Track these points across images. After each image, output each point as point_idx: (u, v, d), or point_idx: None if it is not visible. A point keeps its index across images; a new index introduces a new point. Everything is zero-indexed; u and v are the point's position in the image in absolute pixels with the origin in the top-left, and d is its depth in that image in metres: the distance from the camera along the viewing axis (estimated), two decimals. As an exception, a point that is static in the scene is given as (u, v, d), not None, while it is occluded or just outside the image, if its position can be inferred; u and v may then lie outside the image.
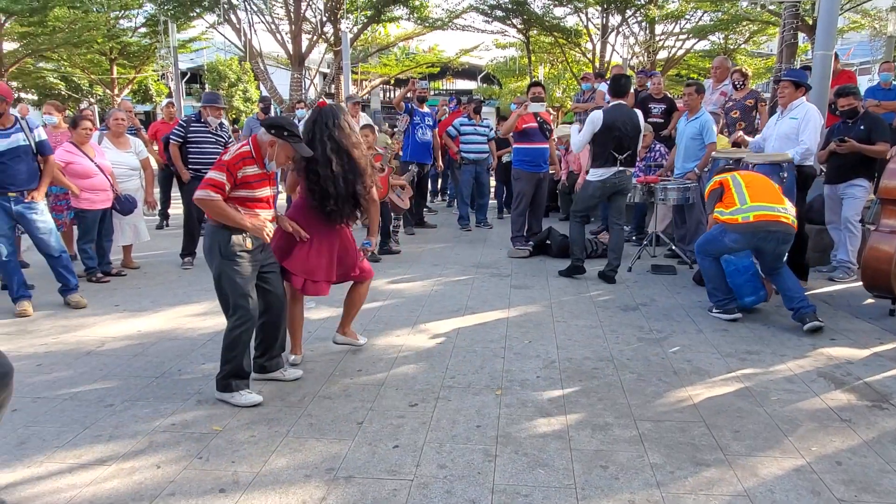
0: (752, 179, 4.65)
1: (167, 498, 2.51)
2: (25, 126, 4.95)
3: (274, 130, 3.24)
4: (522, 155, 7.06)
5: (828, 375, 3.68)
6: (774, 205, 4.47)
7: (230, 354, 3.31)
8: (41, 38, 18.89)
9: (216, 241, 3.24)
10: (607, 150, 5.70)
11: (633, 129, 5.74)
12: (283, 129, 3.23)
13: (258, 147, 3.28)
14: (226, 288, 3.27)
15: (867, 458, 2.77)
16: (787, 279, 4.56)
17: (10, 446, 2.92)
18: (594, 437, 2.96)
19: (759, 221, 4.42)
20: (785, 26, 9.31)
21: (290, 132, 3.24)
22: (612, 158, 5.69)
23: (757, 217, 4.43)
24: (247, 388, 3.37)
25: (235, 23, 17.23)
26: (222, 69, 29.57)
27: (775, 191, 4.61)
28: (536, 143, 7.01)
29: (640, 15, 19.18)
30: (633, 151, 5.81)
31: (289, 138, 3.23)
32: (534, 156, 7.02)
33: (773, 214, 4.43)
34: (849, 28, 18.28)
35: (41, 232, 5.03)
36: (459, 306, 5.12)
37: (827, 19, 6.12)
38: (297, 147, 3.27)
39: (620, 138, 5.66)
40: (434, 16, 19.85)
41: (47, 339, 4.41)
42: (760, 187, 4.57)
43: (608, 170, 5.75)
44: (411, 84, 8.80)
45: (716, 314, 4.74)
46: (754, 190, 4.54)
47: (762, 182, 4.64)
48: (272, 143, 3.25)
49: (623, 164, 5.75)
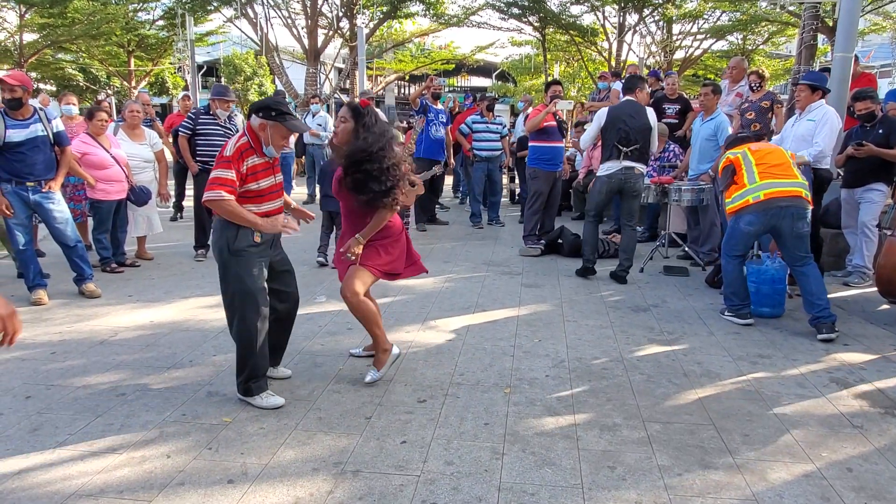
0: (763, 154, 4.53)
1: (177, 487, 2.53)
2: (44, 117, 5.00)
3: (262, 113, 3.07)
4: (540, 153, 7.02)
5: (840, 381, 3.64)
6: (785, 179, 4.39)
7: (244, 353, 3.21)
8: (60, 30, 19.05)
9: (224, 237, 3.12)
10: (611, 142, 5.69)
11: (640, 124, 5.64)
12: (270, 110, 3.06)
13: (254, 135, 3.11)
14: (233, 284, 3.14)
15: (878, 465, 2.74)
16: (813, 281, 4.40)
17: (23, 433, 2.96)
18: (602, 437, 2.96)
19: (770, 199, 4.35)
20: (804, 27, 9.21)
21: (277, 111, 3.06)
22: (617, 151, 5.65)
23: (767, 195, 4.36)
24: (266, 391, 3.28)
25: (252, 17, 17.28)
26: (238, 63, 29.66)
27: (787, 163, 4.48)
28: (555, 142, 7.01)
29: (658, 14, 19.01)
30: (641, 146, 5.68)
31: (278, 118, 3.06)
32: (552, 154, 7.01)
33: (784, 190, 4.35)
34: (870, 30, 18.06)
35: (58, 222, 5.08)
36: (470, 303, 5.12)
37: (847, 21, 6.06)
38: (289, 125, 3.10)
39: (626, 131, 5.61)
40: (450, 12, 19.83)
41: (62, 328, 4.46)
42: (771, 161, 4.47)
43: (614, 164, 5.70)
44: (429, 81, 8.79)
45: (728, 317, 4.70)
46: (765, 166, 4.46)
47: (774, 155, 4.52)
48: (263, 128, 3.08)
49: (629, 158, 5.65)
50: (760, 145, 4.70)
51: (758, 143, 4.77)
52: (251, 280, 3.14)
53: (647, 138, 5.72)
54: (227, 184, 3.00)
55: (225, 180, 3.00)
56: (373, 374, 3.54)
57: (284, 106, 3.12)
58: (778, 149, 4.62)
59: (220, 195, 2.98)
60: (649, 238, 7.69)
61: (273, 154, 3.18)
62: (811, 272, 4.43)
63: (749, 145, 4.68)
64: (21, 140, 4.84)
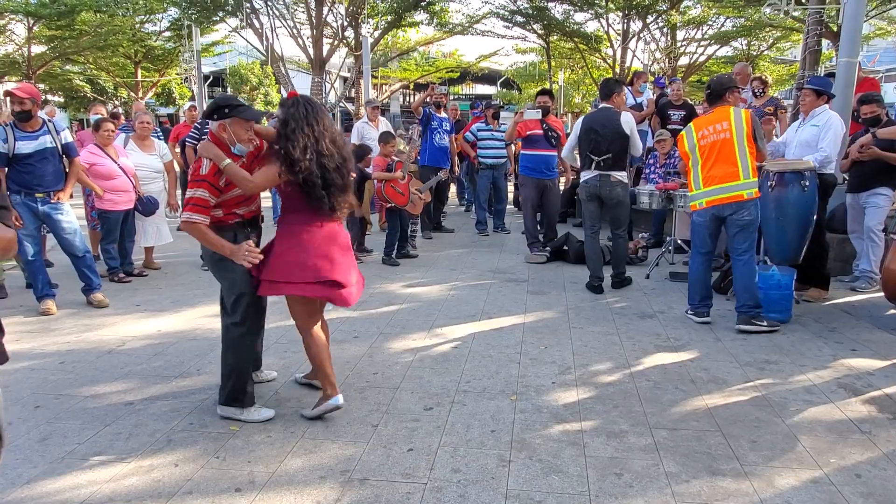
0: (710, 152, 4.59)
1: (184, 496, 2.54)
2: (52, 128, 5.06)
3: (216, 115, 3.03)
4: (526, 161, 7.22)
5: (848, 386, 3.63)
6: (726, 184, 4.51)
7: (234, 360, 3.18)
8: (68, 42, 19.27)
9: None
10: (585, 152, 5.73)
11: (611, 132, 5.57)
12: (221, 108, 3.02)
13: (219, 140, 3.05)
14: (223, 290, 3.23)
15: (887, 470, 2.73)
16: (743, 276, 4.57)
17: (32, 442, 2.98)
18: (609, 444, 2.95)
19: (712, 207, 4.60)
20: (809, 33, 9.19)
21: (229, 106, 3.02)
22: (589, 161, 5.67)
23: (709, 202, 4.61)
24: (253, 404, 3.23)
25: (258, 27, 17.41)
26: (244, 73, 29.90)
27: (732, 162, 4.50)
28: (541, 150, 7.08)
29: (662, 21, 19.07)
30: (614, 154, 5.59)
31: (231, 112, 3.01)
32: (536, 162, 7.11)
33: (723, 197, 4.54)
34: (874, 35, 18.05)
35: (66, 232, 5.12)
36: (476, 311, 5.12)
37: (852, 27, 6.05)
38: (245, 115, 3.03)
39: (597, 140, 5.60)
40: (454, 21, 19.93)
41: (70, 338, 4.49)
42: (716, 162, 4.55)
43: (588, 173, 5.73)
44: (430, 89, 8.83)
45: (689, 315, 4.83)
46: (709, 168, 4.59)
47: (719, 154, 4.55)
48: (223, 128, 3.03)
49: (602, 167, 5.61)
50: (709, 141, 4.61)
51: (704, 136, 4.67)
52: (236, 284, 3.13)
53: (621, 146, 5.62)
54: (199, 204, 2.95)
55: (197, 200, 2.95)
56: (306, 412, 3.26)
57: (233, 99, 3.09)
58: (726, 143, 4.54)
59: (191, 217, 2.94)
60: (655, 244, 7.68)
61: (243, 151, 3.08)
62: (742, 266, 4.61)
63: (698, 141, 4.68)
64: (30, 151, 4.89)
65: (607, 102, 5.73)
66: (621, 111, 5.76)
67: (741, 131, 4.50)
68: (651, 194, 6.45)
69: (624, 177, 5.73)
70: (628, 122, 5.67)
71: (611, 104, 5.72)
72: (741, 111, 4.60)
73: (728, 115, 4.57)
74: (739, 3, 16.20)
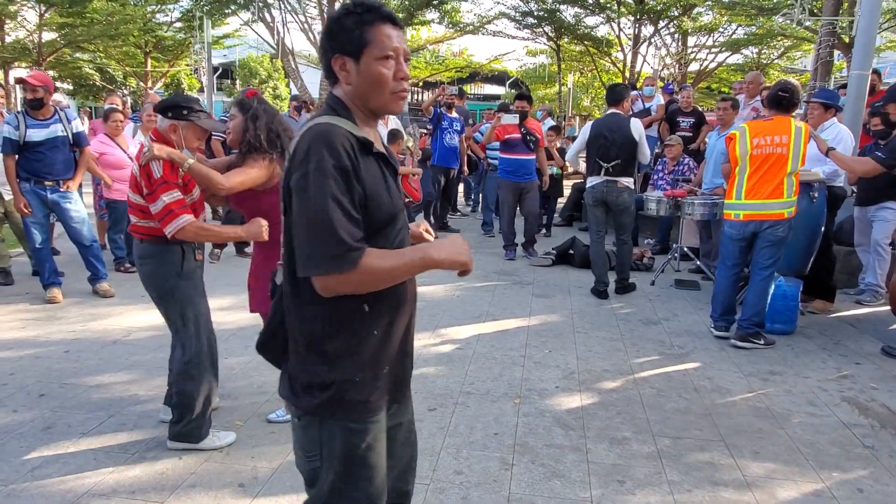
0: (761, 164, 4.41)
1: (188, 489, 2.55)
2: (64, 117, 5.07)
3: (171, 112, 2.75)
4: (503, 164, 7.27)
5: (851, 400, 3.62)
6: (767, 201, 4.39)
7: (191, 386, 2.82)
8: (79, 30, 19.27)
9: (167, 262, 2.80)
10: (593, 157, 5.71)
11: (621, 137, 5.57)
12: (180, 109, 2.76)
13: (167, 140, 2.76)
14: (187, 312, 2.86)
15: (889, 486, 2.72)
16: (757, 291, 4.49)
17: (36, 430, 2.99)
18: (612, 450, 2.95)
19: (749, 221, 4.47)
20: (821, 44, 9.19)
21: (189, 109, 2.77)
22: (598, 167, 5.66)
23: (747, 216, 4.47)
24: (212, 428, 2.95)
25: (269, 21, 17.43)
26: (254, 66, 29.95)
27: (780, 179, 4.37)
28: (518, 154, 7.09)
29: (673, 26, 19.03)
30: (623, 160, 5.59)
31: (190, 116, 2.76)
32: (514, 166, 7.13)
33: (763, 214, 4.40)
34: (885, 47, 17.98)
35: (74, 221, 5.14)
36: (480, 313, 5.12)
37: (865, 39, 6.04)
38: (203, 124, 2.81)
39: (606, 146, 5.59)
40: (465, 21, 19.91)
41: (75, 327, 4.50)
42: (764, 176, 4.40)
43: (595, 178, 5.72)
44: (441, 89, 8.83)
45: (710, 328, 4.76)
46: (754, 181, 4.43)
47: (770, 168, 4.38)
48: (174, 129, 2.76)
49: (611, 173, 5.61)
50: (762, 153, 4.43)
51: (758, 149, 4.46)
52: (199, 301, 2.92)
53: (630, 152, 5.62)
54: (179, 204, 2.66)
55: (174, 204, 2.65)
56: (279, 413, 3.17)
57: (195, 102, 2.85)
58: (779, 160, 4.40)
59: (181, 220, 2.65)
60: (661, 251, 7.67)
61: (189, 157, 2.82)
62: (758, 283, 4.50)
63: (750, 151, 4.44)
64: (41, 140, 4.90)
65: (616, 108, 5.74)
66: (630, 117, 5.76)
67: (798, 150, 4.34)
68: (659, 201, 6.43)
69: (630, 182, 5.73)
70: (637, 128, 5.68)
71: (619, 110, 5.72)
72: (801, 127, 4.39)
73: (789, 128, 4.35)
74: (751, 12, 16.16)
